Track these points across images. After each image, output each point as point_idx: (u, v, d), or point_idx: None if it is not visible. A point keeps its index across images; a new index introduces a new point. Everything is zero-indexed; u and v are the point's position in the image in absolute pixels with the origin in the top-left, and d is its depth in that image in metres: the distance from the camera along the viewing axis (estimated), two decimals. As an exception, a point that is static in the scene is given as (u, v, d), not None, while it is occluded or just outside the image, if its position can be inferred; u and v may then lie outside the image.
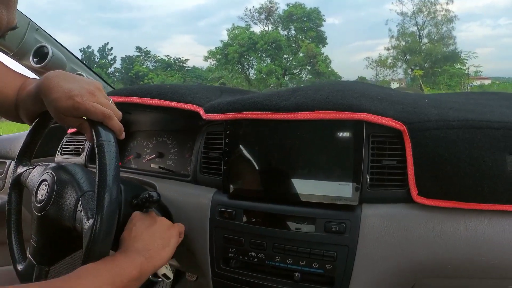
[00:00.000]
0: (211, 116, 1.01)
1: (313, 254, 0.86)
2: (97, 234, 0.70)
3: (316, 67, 30.95)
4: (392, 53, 32.73)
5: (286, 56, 33.36)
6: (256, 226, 0.92)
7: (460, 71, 27.06)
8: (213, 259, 0.98)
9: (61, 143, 1.52)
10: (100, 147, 0.75)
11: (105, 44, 39.12)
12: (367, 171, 0.85)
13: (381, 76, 32.45)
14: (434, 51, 29.50)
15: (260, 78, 30.48)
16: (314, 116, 0.87)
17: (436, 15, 30.44)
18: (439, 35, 30.61)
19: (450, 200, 0.78)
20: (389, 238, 0.81)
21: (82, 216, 0.77)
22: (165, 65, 38.82)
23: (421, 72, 27.33)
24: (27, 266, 0.89)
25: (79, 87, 0.80)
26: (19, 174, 0.98)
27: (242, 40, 31.36)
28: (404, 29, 32.22)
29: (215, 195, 1.00)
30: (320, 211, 0.87)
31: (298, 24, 33.45)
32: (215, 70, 32.40)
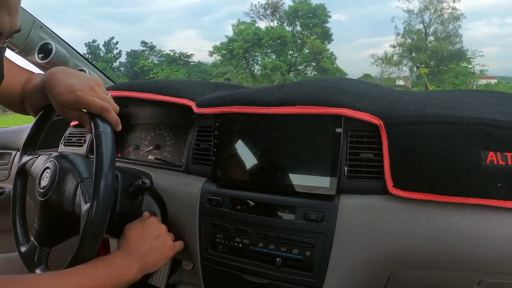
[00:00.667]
0: (201, 110, 1.07)
1: (293, 240, 0.91)
2: (93, 216, 0.76)
3: (321, 63, 30.80)
4: (398, 50, 32.57)
5: (291, 52, 33.20)
6: (241, 213, 0.98)
7: (466, 70, 26.85)
8: (202, 244, 1.04)
9: (64, 135, 1.59)
10: (98, 137, 0.81)
11: (110, 38, 39.12)
12: (345, 163, 0.89)
13: (387, 74, 32.31)
14: (440, 49, 29.28)
15: (265, 74, 30.37)
16: (296, 111, 0.92)
17: (442, 13, 30.23)
18: (445, 33, 30.40)
19: (424, 193, 0.80)
20: (365, 227, 0.85)
21: (80, 200, 0.83)
22: (170, 60, 38.76)
23: (426, 70, 27.17)
24: (30, 247, 0.96)
25: (80, 82, 0.86)
26: (24, 162, 1.04)
27: (248, 36, 31.21)
28: (410, 26, 32.03)
29: (204, 184, 1.06)
30: (300, 200, 0.92)
31: (304, 20, 33.26)
32: (220, 66, 32.27)
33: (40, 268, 0.91)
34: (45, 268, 0.92)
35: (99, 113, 0.85)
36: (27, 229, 1.03)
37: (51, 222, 0.93)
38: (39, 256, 0.93)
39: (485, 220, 0.79)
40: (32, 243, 0.95)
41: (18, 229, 1.02)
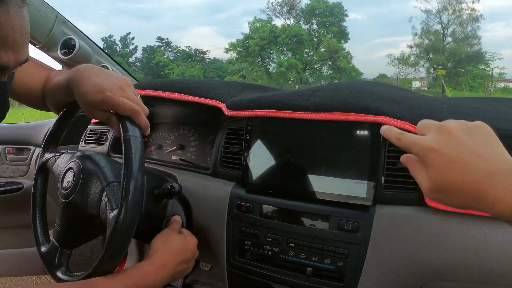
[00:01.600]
0: (233, 112, 1.05)
1: (325, 250, 0.89)
2: (120, 223, 0.73)
3: (337, 62, 30.68)
4: (415, 51, 32.27)
5: (307, 50, 33.12)
6: (272, 220, 0.95)
7: (484, 73, 26.55)
8: (229, 250, 1.01)
9: (85, 132, 1.57)
10: (127, 142, 0.77)
11: (126, 33, 39.38)
12: (383, 173, 0.86)
13: (403, 74, 32.02)
14: (458, 51, 28.96)
15: (280, 72, 30.36)
16: (333, 117, 0.89)
17: (461, 13, 29.86)
18: (463, 34, 30.05)
19: None
20: (400, 239, 0.83)
21: (106, 206, 0.80)
22: (185, 56, 38.92)
23: (443, 71, 26.86)
24: (50, 248, 0.93)
25: (109, 81, 0.83)
26: (45, 160, 1.02)
27: (264, 33, 31.22)
28: (428, 27, 31.72)
29: (233, 188, 1.03)
30: (335, 209, 0.89)
31: (320, 19, 33.15)
32: (236, 63, 32.32)
33: (61, 271, 0.88)
34: (66, 270, 0.89)
35: (128, 115, 0.81)
36: (47, 228, 1.01)
37: (73, 224, 0.90)
38: (60, 258, 0.90)
39: None
40: (52, 244, 0.93)
41: (38, 228, 0.99)
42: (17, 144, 2.00)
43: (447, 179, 0.55)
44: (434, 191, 0.57)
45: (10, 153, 2.00)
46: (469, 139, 0.56)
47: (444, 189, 0.56)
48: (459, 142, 0.56)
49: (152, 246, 0.90)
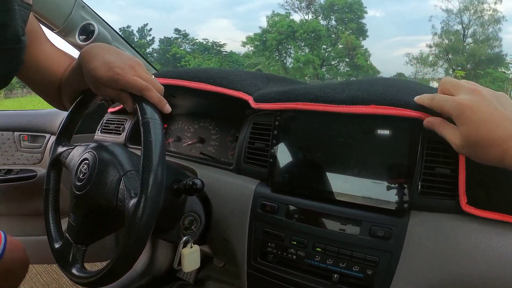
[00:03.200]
0: (260, 105, 0.99)
1: (354, 257, 0.83)
2: (141, 212, 0.68)
3: (355, 59, 30.49)
4: (434, 51, 31.91)
5: (324, 46, 32.95)
6: (299, 223, 0.89)
7: (504, 76, 26.15)
8: (251, 251, 0.96)
9: (102, 121, 1.53)
10: (146, 125, 0.74)
11: (144, 25, 39.61)
12: (419, 178, 0.80)
13: (421, 74, 31.73)
14: (478, 52, 28.56)
15: (297, 67, 30.26)
16: (370, 111, 0.83)
17: (483, 14, 29.44)
18: (484, 35, 29.61)
19: (500, 213, 0.74)
20: (434, 248, 0.77)
21: (124, 195, 0.76)
22: (202, 49, 39.04)
23: (462, 73, 26.54)
24: (65, 244, 0.88)
25: (120, 59, 0.80)
26: (58, 154, 0.98)
27: (281, 28, 31.12)
28: (448, 26, 31.32)
29: (258, 187, 0.98)
30: (367, 213, 0.83)
31: (339, 15, 32.94)
32: (252, 56, 32.32)
33: (76, 268, 0.84)
34: (80, 267, 0.85)
35: (139, 93, 0.78)
36: (61, 224, 0.97)
37: (88, 218, 0.85)
38: (75, 255, 0.86)
39: None
40: (66, 240, 0.88)
41: (51, 225, 0.95)
42: (32, 131, 2.00)
43: (479, 134, 0.62)
44: (465, 146, 0.65)
45: (25, 140, 1.99)
46: (498, 103, 0.63)
47: (475, 143, 0.64)
48: (491, 104, 0.63)
49: None
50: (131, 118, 1.44)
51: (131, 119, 1.44)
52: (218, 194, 1.04)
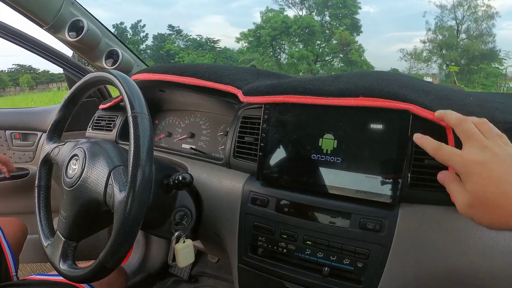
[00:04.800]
0: (249, 98, 0.98)
1: (345, 250, 0.83)
2: (129, 207, 0.68)
3: (349, 55, 30.46)
4: (428, 46, 31.95)
5: (319, 42, 32.90)
6: (289, 216, 0.89)
7: (497, 71, 26.22)
8: (241, 246, 0.96)
9: (93, 118, 1.53)
10: (134, 119, 0.73)
11: (138, 21, 39.40)
12: (409, 170, 0.80)
13: (415, 70, 31.75)
14: (472, 48, 28.62)
15: (291, 63, 30.19)
16: (359, 103, 0.82)
17: (476, 10, 29.47)
18: (478, 31, 29.66)
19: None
20: (425, 240, 0.77)
21: (113, 190, 0.75)
22: (196, 45, 38.93)
23: (456, 68, 26.59)
24: (55, 241, 0.88)
25: None
26: (49, 151, 0.98)
27: (275, 24, 31.03)
28: (442, 22, 31.35)
29: (248, 181, 0.97)
30: (357, 206, 0.83)
31: (333, 11, 32.88)
32: (246, 52, 32.23)
33: (66, 264, 0.84)
34: (71, 263, 0.84)
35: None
36: (52, 221, 0.98)
37: (79, 214, 0.85)
38: (65, 251, 0.86)
39: None
40: (57, 237, 0.88)
41: (42, 221, 0.96)
42: (23, 129, 1.99)
43: (488, 193, 0.57)
44: (471, 206, 0.60)
45: (17, 138, 1.99)
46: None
47: (483, 203, 0.58)
48: (503, 161, 0.58)
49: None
50: (122, 115, 1.43)
51: (122, 115, 1.43)
52: (209, 188, 1.04)
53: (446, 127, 0.77)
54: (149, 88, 1.23)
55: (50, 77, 30.94)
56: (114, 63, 1.79)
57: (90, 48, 1.74)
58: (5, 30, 1.73)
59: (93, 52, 1.77)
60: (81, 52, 1.78)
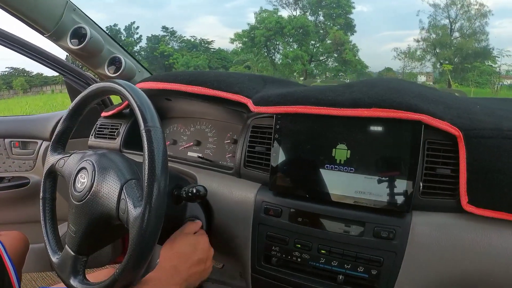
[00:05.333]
0: (260, 109, 0.98)
1: (359, 258, 0.84)
2: (146, 223, 0.68)
3: (343, 55, 30.43)
4: (422, 45, 31.93)
5: (313, 42, 32.82)
6: (303, 226, 0.89)
7: (491, 69, 26.29)
8: (254, 255, 0.96)
9: (95, 126, 1.50)
10: (148, 133, 0.72)
11: (131, 23, 39.24)
12: (421, 179, 0.81)
13: (409, 68, 31.74)
14: (465, 46, 28.68)
15: (286, 63, 30.14)
16: (372, 114, 0.83)
17: (469, 8, 29.51)
18: (471, 29, 29.72)
19: (500, 211, 0.75)
20: (437, 247, 0.79)
21: (127, 205, 0.74)
22: (190, 46, 38.78)
23: (450, 67, 26.65)
24: (64, 256, 0.86)
25: None
26: (53, 162, 0.95)
27: (270, 24, 30.94)
28: (435, 21, 31.34)
29: (260, 191, 0.97)
30: (370, 215, 0.84)
31: (327, 10, 32.84)
32: (241, 53, 32.11)
33: (77, 279, 0.82)
34: (82, 279, 0.82)
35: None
36: (59, 234, 0.95)
37: (89, 228, 0.82)
38: (75, 266, 0.83)
39: None
40: (66, 252, 0.86)
41: (49, 236, 0.93)
42: (23, 137, 1.96)
43: None
44: None
45: (16, 146, 1.95)
46: None
47: None
48: None
49: (161, 252, 0.85)
50: (126, 122, 1.41)
51: (126, 123, 1.41)
52: (220, 199, 1.03)
53: (458, 137, 0.78)
54: (154, 97, 1.22)
55: (44, 80, 30.75)
56: (116, 70, 1.76)
57: (92, 55, 1.72)
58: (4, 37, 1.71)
59: (95, 59, 1.75)
60: (83, 59, 1.75)
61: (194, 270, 0.84)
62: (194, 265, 0.84)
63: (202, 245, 0.90)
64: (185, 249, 0.86)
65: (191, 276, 0.83)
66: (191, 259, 0.85)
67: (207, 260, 0.89)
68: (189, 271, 0.83)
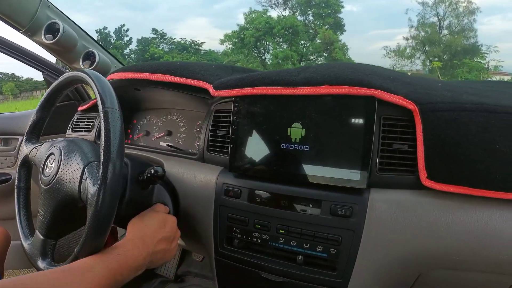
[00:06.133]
0: (219, 92, 0.99)
1: (317, 237, 0.84)
2: (101, 200, 0.70)
3: (333, 54, 30.45)
4: (411, 43, 32.09)
5: (302, 42, 32.85)
6: (261, 206, 0.90)
7: (480, 65, 26.40)
8: (217, 238, 0.97)
9: (72, 120, 1.53)
10: (105, 114, 0.74)
11: (121, 25, 39.01)
12: (377, 155, 0.81)
13: (399, 67, 31.82)
14: (454, 43, 28.85)
15: (276, 63, 30.06)
16: (323, 91, 0.84)
17: (457, 6, 29.70)
18: (460, 27, 29.91)
19: (460, 185, 0.74)
20: (396, 224, 0.79)
21: (87, 184, 0.77)
22: (180, 48, 38.68)
23: (439, 64, 26.74)
24: (34, 240, 0.89)
25: None
26: (27, 152, 0.98)
27: (259, 25, 30.93)
28: (424, 19, 31.53)
29: (221, 173, 0.98)
30: (327, 193, 0.85)
31: (316, 10, 32.89)
32: (231, 54, 32.05)
33: (45, 262, 0.84)
34: (50, 261, 0.85)
35: None
36: (32, 221, 0.97)
37: (56, 211, 0.85)
38: (44, 249, 0.86)
39: None
40: (36, 236, 0.88)
41: (22, 222, 0.96)
42: (4, 134, 1.96)
43: None
44: None
45: (-3, 143, 1.96)
46: None
47: None
48: None
49: (129, 224, 0.86)
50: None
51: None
52: (184, 183, 1.04)
53: (414, 111, 0.78)
54: (124, 88, 1.23)
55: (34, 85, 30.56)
56: (91, 64, 1.79)
57: (67, 50, 1.74)
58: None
59: (70, 54, 1.77)
60: (58, 54, 1.78)
61: (160, 247, 0.85)
62: (160, 242, 0.85)
63: (171, 224, 0.90)
64: (153, 224, 0.86)
65: (156, 253, 0.83)
66: (159, 234, 0.85)
67: (173, 241, 0.90)
68: (155, 247, 0.83)
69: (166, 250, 0.87)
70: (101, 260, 0.71)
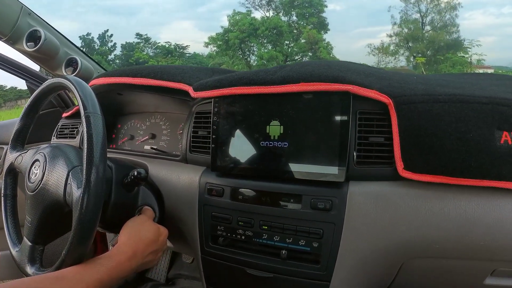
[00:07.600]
0: (199, 93, 1.01)
1: (299, 231, 0.86)
2: (85, 204, 0.71)
3: (318, 53, 30.58)
4: (395, 40, 32.40)
5: (287, 42, 32.93)
6: (244, 203, 0.92)
7: (463, 60, 26.72)
8: (202, 237, 0.99)
9: (57, 127, 1.53)
10: (87, 119, 0.76)
11: (105, 31, 38.72)
12: (354, 148, 0.84)
13: (383, 64, 32.12)
14: (437, 39, 29.15)
15: (261, 65, 30.04)
16: (300, 88, 0.86)
17: (439, 2, 30.03)
18: (442, 22, 30.24)
19: (436, 175, 0.76)
20: (376, 216, 0.81)
21: (72, 189, 0.78)
22: (165, 52, 38.47)
23: (423, 59, 27.01)
24: (22, 246, 0.89)
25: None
26: (12, 160, 0.99)
27: (243, 26, 30.93)
28: (407, 16, 31.83)
29: (203, 173, 1.00)
30: (307, 188, 0.87)
31: (300, 10, 32.99)
32: (216, 56, 31.97)
33: (34, 267, 0.85)
34: (39, 267, 0.85)
35: None
36: (20, 229, 0.98)
37: (43, 217, 0.86)
38: (32, 255, 0.87)
39: (502, 205, 0.75)
40: (24, 242, 0.89)
41: (10, 230, 0.96)
42: (-12, 144, 1.95)
43: None
44: None
45: (-18, 153, 1.94)
46: None
47: None
48: None
49: (123, 232, 0.87)
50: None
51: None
52: (168, 185, 1.06)
53: (388, 104, 0.81)
54: (107, 93, 1.24)
55: (19, 94, 30.17)
56: (74, 71, 1.79)
57: (49, 57, 1.74)
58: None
59: (52, 61, 1.77)
60: (41, 61, 1.78)
61: (148, 258, 0.87)
62: (150, 254, 0.87)
63: (163, 238, 0.93)
64: (149, 237, 0.88)
65: (142, 264, 0.85)
66: (150, 248, 0.87)
67: (160, 252, 0.92)
68: (144, 259, 0.85)
69: (152, 260, 0.89)
70: (93, 271, 0.73)
